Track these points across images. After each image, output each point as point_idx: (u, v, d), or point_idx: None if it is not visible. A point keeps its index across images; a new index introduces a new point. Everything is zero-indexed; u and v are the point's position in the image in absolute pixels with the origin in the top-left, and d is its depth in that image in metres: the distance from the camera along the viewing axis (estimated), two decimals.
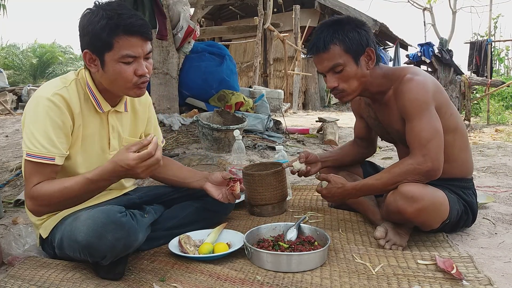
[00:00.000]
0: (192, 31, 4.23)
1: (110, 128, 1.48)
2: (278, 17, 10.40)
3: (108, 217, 1.21)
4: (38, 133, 1.29)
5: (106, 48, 1.30)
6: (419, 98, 1.49)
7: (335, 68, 1.54)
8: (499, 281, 1.28)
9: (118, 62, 1.31)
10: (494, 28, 13.00)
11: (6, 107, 9.32)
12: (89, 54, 1.33)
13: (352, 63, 1.54)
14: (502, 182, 2.64)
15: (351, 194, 1.65)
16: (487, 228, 1.78)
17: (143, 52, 1.34)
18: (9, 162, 3.57)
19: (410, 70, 1.58)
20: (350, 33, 1.52)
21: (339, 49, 1.52)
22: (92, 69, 1.36)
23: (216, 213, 1.79)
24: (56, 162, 1.31)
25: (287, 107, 8.02)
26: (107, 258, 1.24)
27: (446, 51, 8.15)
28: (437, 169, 1.47)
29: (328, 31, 1.54)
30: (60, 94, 1.33)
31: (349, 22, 1.56)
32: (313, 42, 1.57)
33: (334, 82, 1.56)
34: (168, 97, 4.25)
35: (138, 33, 1.31)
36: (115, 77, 1.33)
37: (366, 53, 1.55)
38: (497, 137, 4.98)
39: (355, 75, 1.55)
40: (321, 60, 1.56)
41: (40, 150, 1.28)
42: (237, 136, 2.33)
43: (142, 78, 1.36)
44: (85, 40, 1.33)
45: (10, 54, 20.42)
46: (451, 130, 1.58)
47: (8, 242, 1.54)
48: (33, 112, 1.31)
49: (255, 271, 1.36)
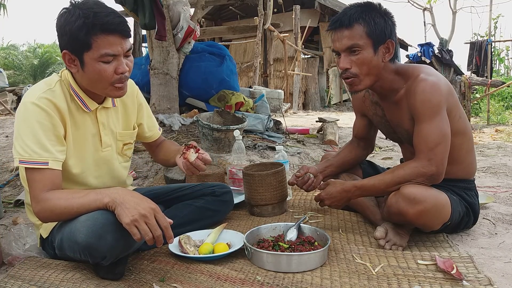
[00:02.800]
0: (192, 31, 4.22)
1: (101, 125, 1.47)
2: (278, 17, 10.40)
3: (107, 218, 1.21)
4: (28, 139, 1.27)
5: (85, 48, 1.28)
6: (431, 100, 1.46)
7: (352, 47, 1.49)
8: (499, 281, 1.28)
9: (98, 62, 1.29)
10: (494, 28, 13.02)
11: (6, 107, 9.31)
12: (68, 55, 1.31)
13: (371, 49, 1.49)
14: (502, 182, 2.64)
15: (351, 193, 1.62)
16: (487, 228, 1.78)
17: (122, 50, 1.32)
18: (9, 162, 3.57)
19: (424, 70, 1.54)
20: (377, 18, 1.49)
21: (362, 30, 1.48)
22: (72, 69, 1.35)
23: (216, 212, 1.79)
24: (50, 167, 1.28)
25: (287, 107, 8.01)
26: (107, 259, 1.24)
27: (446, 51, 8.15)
28: (441, 173, 1.47)
29: (356, 10, 1.50)
30: (46, 97, 1.31)
31: (380, 8, 1.53)
32: (338, 16, 1.53)
33: (347, 63, 1.51)
34: (168, 97, 4.25)
35: (116, 31, 1.29)
36: (95, 76, 1.32)
37: (386, 44, 1.51)
38: (497, 137, 4.98)
39: (369, 62, 1.50)
40: (341, 37, 1.51)
41: (31, 155, 1.27)
42: (237, 136, 2.33)
43: (122, 76, 1.34)
44: (64, 40, 1.30)
45: (10, 54, 20.42)
46: (460, 133, 1.57)
47: (8, 242, 1.54)
48: (22, 118, 1.30)
49: (255, 271, 1.36)
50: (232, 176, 2.29)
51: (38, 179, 1.28)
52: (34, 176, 1.28)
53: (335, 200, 1.67)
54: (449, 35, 16.15)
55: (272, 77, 8.79)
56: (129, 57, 1.37)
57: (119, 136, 1.54)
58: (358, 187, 1.60)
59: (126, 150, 1.60)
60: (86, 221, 1.21)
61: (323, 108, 11.78)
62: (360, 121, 1.93)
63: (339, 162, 1.93)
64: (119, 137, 1.54)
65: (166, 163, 1.75)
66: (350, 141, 2.00)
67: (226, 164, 2.50)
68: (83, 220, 1.23)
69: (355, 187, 1.61)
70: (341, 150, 1.99)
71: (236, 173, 2.26)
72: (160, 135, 1.78)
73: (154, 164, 3.06)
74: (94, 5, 1.29)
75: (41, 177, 1.28)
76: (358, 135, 1.95)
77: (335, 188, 1.65)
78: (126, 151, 1.60)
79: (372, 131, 1.93)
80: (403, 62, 2.45)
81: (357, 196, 1.65)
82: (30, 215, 1.50)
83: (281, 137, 3.99)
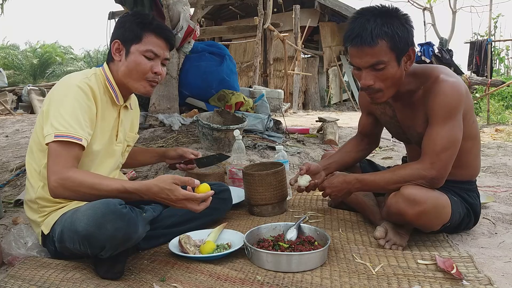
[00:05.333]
0: (192, 31, 4.22)
1: (120, 121, 1.59)
2: (278, 17, 10.39)
3: (108, 207, 1.22)
4: (67, 115, 1.34)
5: (135, 40, 1.48)
6: (451, 103, 1.41)
7: (376, 65, 1.40)
8: (499, 281, 1.28)
9: (141, 55, 1.48)
10: (494, 28, 13.01)
11: (6, 107, 9.32)
12: (118, 44, 1.50)
13: (395, 62, 1.41)
14: (502, 182, 2.64)
15: (352, 184, 1.62)
16: (487, 228, 1.78)
17: (163, 55, 1.52)
18: (9, 162, 3.57)
19: (442, 70, 1.48)
20: (399, 28, 1.38)
21: (386, 46, 1.38)
22: (116, 57, 1.51)
23: (214, 210, 1.79)
24: (83, 143, 1.35)
25: (287, 107, 8.01)
26: (107, 250, 1.24)
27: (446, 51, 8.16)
28: (442, 178, 1.46)
29: (376, 22, 1.36)
30: (87, 82, 1.43)
31: (398, 14, 1.41)
32: (357, 32, 1.38)
33: (370, 80, 1.42)
34: (168, 97, 4.25)
35: (166, 37, 1.52)
36: (134, 66, 1.48)
37: (408, 52, 1.43)
38: (497, 137, 4.98)
39: (394, 75, 1.42)
40: (363, 54, 1.39)
41: (68, 129, 1.32)
42: (237, 136, 2.33)
43: (156, 77, 1.51)
44: (118, 32, 1.50)
45: (10, 54, 20.41)
46: (472, 137, 1.55)
47: (8, 242, 1.54)
48: (63, 96, 1.38)
49: (255, 271, 1.36)
50: (232, 176, 2.30)
51: (65, 153, 1.31)
52: (61, 150, 1.31)
53: (335, 190, 1.67)
54: (449, 35, 16.13)
55: (272, 77, 8.79)
56: (164, 66, 1.56)
57: (127, 137, 1.67)
58: (359, 180, 1.61)
59: (126, 152, 1.69)
60: (87, 210, 1.23)
61: (323, 107, 11.78)
62: (366, 119, 1.87)
63: (341, 157, 1.88)
64: (127, 137, 1.67)
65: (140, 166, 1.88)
66: (355, 136, 1.94)
67: (226, 163, 2.50)
68: (84, 209, 1.24)
69: (356, 179, 1.61)
70: (343, 147, 1.94)
71: (236, 173, 2.26)
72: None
73: (154, 163, 3.06)
74: (154, 17, 1.56)
75: (68, 152, 1.32)
76: (364, 132, 1.90)
77: (337, 179, 1.67)
78: (126, 153, 1.69)
79: (378, 128, 1.88)
80: None
81: (357, 189, 1.64)
82: (29, 212, 1.50)
83: (281, 136, 3.99)
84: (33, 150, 1.46)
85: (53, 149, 1.32)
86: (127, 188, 1.30)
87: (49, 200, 1.43)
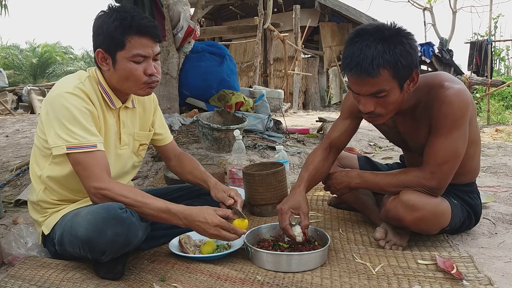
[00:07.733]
0: (192, 31, 4.23)
1: (121, 124, 1.53)
2: (278, 17, 10.40)
3: (108, 212, 1.22)
4: (72, 125, 1.31)
5: (119, 47, 1.36)
6: (456, 113, 1.36)
7: (377, 94, 1.32)
8: (499, 281, 1.28)
9: (129, 61, 1.37)
10: (494, 28, 13.01)
11: (6, 107, 9.32)
12: (101, 53, 1.39)
13: (397, 89, 1.32)
14: (502, 182, 2.64)
15: (352, 179, 1.61)
16: (487, 228, 1.78)
17: (152, 53, 1.40)
18: (9, 162, 3.57)
19: (445, 77, 1.42)
20: (402, 54, 1.26)
21: (388, 75, 1.28)
22: (103, 67, 1.41)
23: None
24: (99, 148, 1.33)
25: (287, 107, 8.02)
26: (107, 254, 1.24)
27: (446, 51, 8.17)
28: (441, 188, 1.45)
29: (376, 49, 1.26)
30: (80, 87, 1.37)
31: (399, 36, 1.28)
32: (357, 60, 1.27)
33: (371, 106, 1.35)
34: (168, 97, 4.25)
35: (149, 34, 1.38)
36: (126, 75, 1.39)
37: (412, 76, 1.33)
38: (497, 137, 4.98)
39: (396, 100, 1.34)
40: (363, 83, 1.30)
41: (79, 140, 1.30)
42: (237, 136, 2.33)
43: (152, 77, 1.42)
44: (99, 39, 1.38)
45: (10, 54, 20.42)
46: (475, 142, 1.53)
47: (8, 242, 1.54)
48: (60, 107, 1.32)
49: (255, 271, 1.36)
50: (232, 176, 2.29)
51: (92, 162, 1.30)
52: (87, 160, 1.30)
53: (335, 182, 1.67)
54: (449, 35, 16.13)
55: (272, 77, 8.79)
56: (157, 61, 1.45)
57: (137, 136, 1.60)
58: (360, 176, 1.60)
59: (141, 151, 1.65)
60: (87, 215, 1.22)
61: (323, 107, 11.78)
62: (346, 124, 1.68)
63: (314, 179, 1.66)
64: (137, 137, 1.60)
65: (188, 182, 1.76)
66: (321, 150, 1.69)
67: (226, 164, 2.50)
68: (84, 214, 1.24)
69: (358, 175, 1.61)
70: (313, 162, 1.67)
71: (236, 173, 2.26)
72: (175, 144, 1.80)
73: (154, 164, 3.06)
74: (130, 10, 1.40)
75: (93, 160, 1.31)
76: (334, 143, 1.69)
77: (340, 172, 1.66)
78: (141, 151, 1.65)
79: (350, 139, 1.72)
80: None
81: (356, 184, 1.62)
82: (33, 212, 1.50)
83: (281, 136, 3.99)
84: (36, 154, 1.46)
85: (78, 161, 1.30)
86: (171, 209, 1.32)
87: (49, 202, 1.44)
